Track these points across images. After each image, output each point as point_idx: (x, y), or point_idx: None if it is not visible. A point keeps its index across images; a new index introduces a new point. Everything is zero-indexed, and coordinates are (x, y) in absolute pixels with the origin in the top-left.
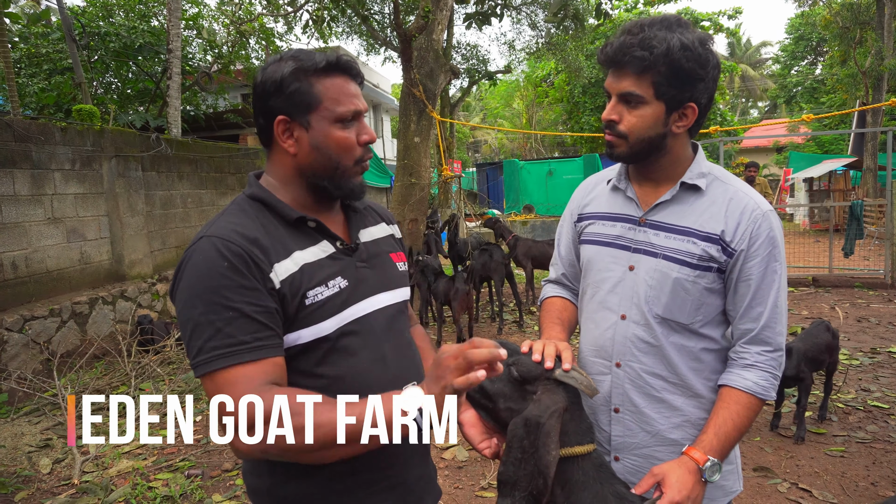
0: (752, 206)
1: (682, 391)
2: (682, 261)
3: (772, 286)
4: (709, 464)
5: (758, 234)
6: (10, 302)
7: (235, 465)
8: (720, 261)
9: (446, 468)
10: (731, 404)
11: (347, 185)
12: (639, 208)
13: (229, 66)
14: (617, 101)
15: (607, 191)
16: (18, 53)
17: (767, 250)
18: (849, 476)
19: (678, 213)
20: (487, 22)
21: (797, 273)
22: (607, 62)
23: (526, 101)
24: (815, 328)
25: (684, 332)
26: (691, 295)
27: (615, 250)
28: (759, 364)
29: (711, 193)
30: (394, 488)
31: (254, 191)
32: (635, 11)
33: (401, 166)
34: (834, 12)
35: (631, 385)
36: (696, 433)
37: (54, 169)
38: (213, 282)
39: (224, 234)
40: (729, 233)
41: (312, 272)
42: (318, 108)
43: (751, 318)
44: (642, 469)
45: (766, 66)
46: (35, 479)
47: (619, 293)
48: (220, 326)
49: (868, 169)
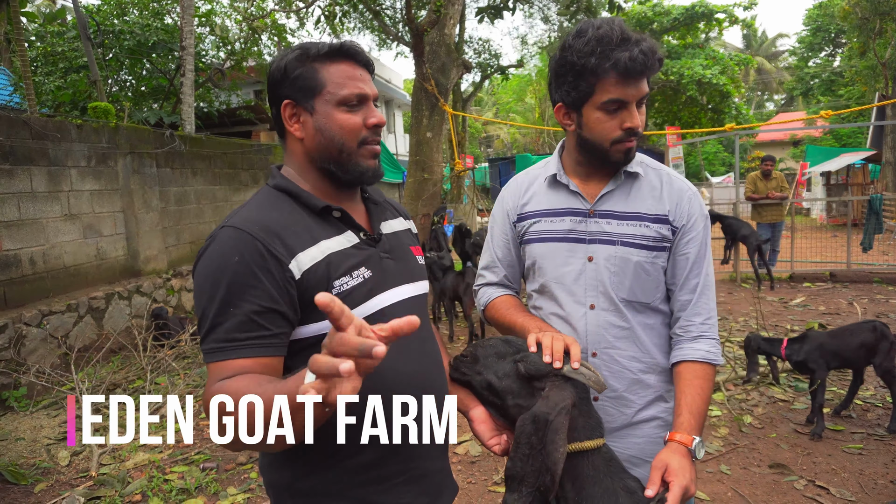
0: (685, 187)
1: (652, 368)
2: (640, 244)
3: (704, 258)
4: (696, 443)
5: (693, 212)
6: (28, 297)
7: (250, 458)
8: (670, 239)
9: (459, 463)
10: (693, 379)
11: (355, 168)
12: (585, 201)
13: (242, 63)
14: (636, 106)
15: (545, 187)
16: (35, 52)
17: (702, 224)
18: (867, 474)
19: (624, 201)
20: (499, 16)
21: (814, 268)
22: (644, 71)
23: (538, 96)
24: (857, 325)
25: (646, 311)
26: (651, 276)
27: (570, 244)
28: (705, 333)
29: (648, 179)
30: (415, 481)
31: (278, 181)
32: (649, 3)
33: (413, 161)
34: (853, 3)
35: (608, 372)
36: (665, 406)
37: (70, 166)
38: (222, 276)
39: (244, 224)
40: (672, 213)
41: (339, 262)
42: (322, 93)
43: (689, 289)
44: (627, 449)
45: (783, 58)
46: (54, 471)
47: (582, 284)
48: (221, 322)
49: (887, 162)
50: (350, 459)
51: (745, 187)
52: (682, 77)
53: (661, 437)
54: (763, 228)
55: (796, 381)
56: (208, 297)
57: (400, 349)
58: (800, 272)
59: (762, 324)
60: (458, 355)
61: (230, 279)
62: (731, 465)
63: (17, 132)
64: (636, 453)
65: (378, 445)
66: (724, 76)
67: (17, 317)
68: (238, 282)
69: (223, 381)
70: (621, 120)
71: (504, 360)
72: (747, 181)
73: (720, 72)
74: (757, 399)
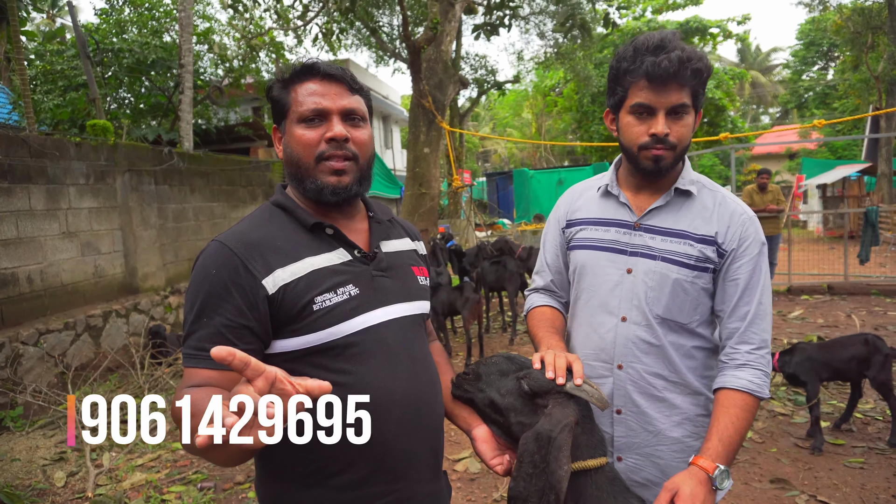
0: (740, 210)
1: (681, 389)
2: (681, 262)
3: (757, 286)
4: (718, 472)
5: (746, 236)
6: (25, 316)
7: (248, 477)
8: (715, 261)
9: (458, 480)
10: (730, 407)
11: (312, 184)
12: (632, 213)
13: (240, 80)
14: (664, 114)
15: (597, 197)
16: (34, 71)
17: (756, 251)
18: (868, 488)
19: (672, 218)
20: (496, 32)
21: (812, 280)
22: (666, 77)
23: (535, 111)
24: (848, 338)
25: (681, 332)
26: (690, 295)
27: (611, 254)
28: (751, 363)
29: (701, 199)
30: (400, 503)
31: (277, 198)
32: (643, 20)
33: (411, 176)
34: (845, 17)
35: (633, 386)
36: (694, 429)
37: (69, 184)
38: (200, 287)
39: (228, 239)
40: (721, 234)
41: (322, 278)
42: (288, 113)
43: (738, 316)
44: (644, 468)
45: (777, 71)
46: (50, 492)
47: (618, 295)
48: (195, 330)
49: (883, 174)
50: (336, 477)
51: (742, 200)
52: None
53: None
54: None
55: (795, 395)
56: (189, 304)
57: (391, 369)
58: (797, 285)
59: None
60: (461, 373)
61: (206, 291)
62: (732, 480)
63: (15, 150)
64: (654, 474)
65: (363, 464)
66: (720, 90)
67: (14, 335)
68: (213, 293)
69: (189, 388)
70: (649, 126)
71: (507, 377)
72: (743, 194)
73: (715, 86)
74: (757, 413)
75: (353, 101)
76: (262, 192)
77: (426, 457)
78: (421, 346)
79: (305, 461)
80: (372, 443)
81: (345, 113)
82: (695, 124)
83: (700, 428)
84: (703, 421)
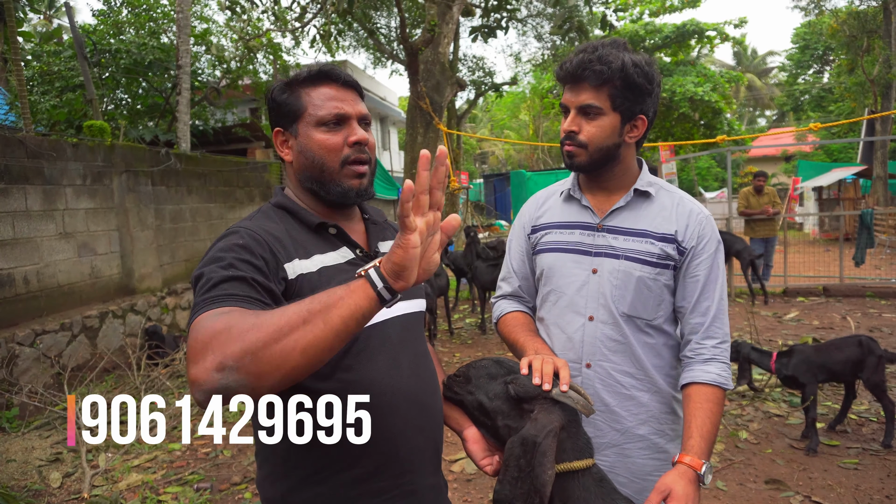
0: (697, 210)
1: (647, 387)
2: (643, 260)
3: (716, 282)
4: (704, 468)
5: (704, 234)
6: (21, 316)
7: (244, 478)
8: (675, 258)
9: (455, 481)
10: (704, 402)
11: (336, 188)
12: (595, 215)
13: (237, 81)
14: (576, 113)
15: (560, 202)
16: (31, 71)
17: (713, 248)
18: (863, 489)
19: (633, 218)
20: (493, 34)
21: (807, 283)
22: (567, 78)
23: (532, 113)
24: (843, 340)
25: (648, 329)
26: (653, 292)
27: (576, 255)
28: (717, 357)
29: (660, 199)
30: (406, 496)
31: (278, 199)
32: (640, 23)
33: (408, 178)
34: (840, 21)
35: (601, 385)
36: (658, 427)
37: (66, 184)
38: (225, 253)
39: (249, 226)
40: (681, 233)
41: (330, 275)
42: (303, 116)
43: (700, 311)
44: (615, 468)
45: (773, 74)
46: (45, 493)
47: (585, 295)
48: (218, 281)
49: (878, 177)
50: (343, 473)
51: (738, 203)
52: (675, 94)
53: (650, 459)
54: (756, 243)
55: (790, 396)
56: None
57: (394, 366)
58: (793, 287)
59: (756, 338)
60: (452, 375)
61: (234, 252)
62: (727, 481)
63: (12, 151)
64: (623, 472)
65: (370, 459)
66: (716, 93)
67: (10, 336)
68: (240, 256)
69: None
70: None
71: (495, 381)
72: (740, 197)
73: (712, 89)
74: (752, 414)
75: (364, 107)
76: (260, 194)
77: (429, 451)
78: (421, 343)
79: (313, 458)
80: (379, 438)
81: (360, 118)
82: (626, 129)
83: (664, 425)
84: (667, 418)
